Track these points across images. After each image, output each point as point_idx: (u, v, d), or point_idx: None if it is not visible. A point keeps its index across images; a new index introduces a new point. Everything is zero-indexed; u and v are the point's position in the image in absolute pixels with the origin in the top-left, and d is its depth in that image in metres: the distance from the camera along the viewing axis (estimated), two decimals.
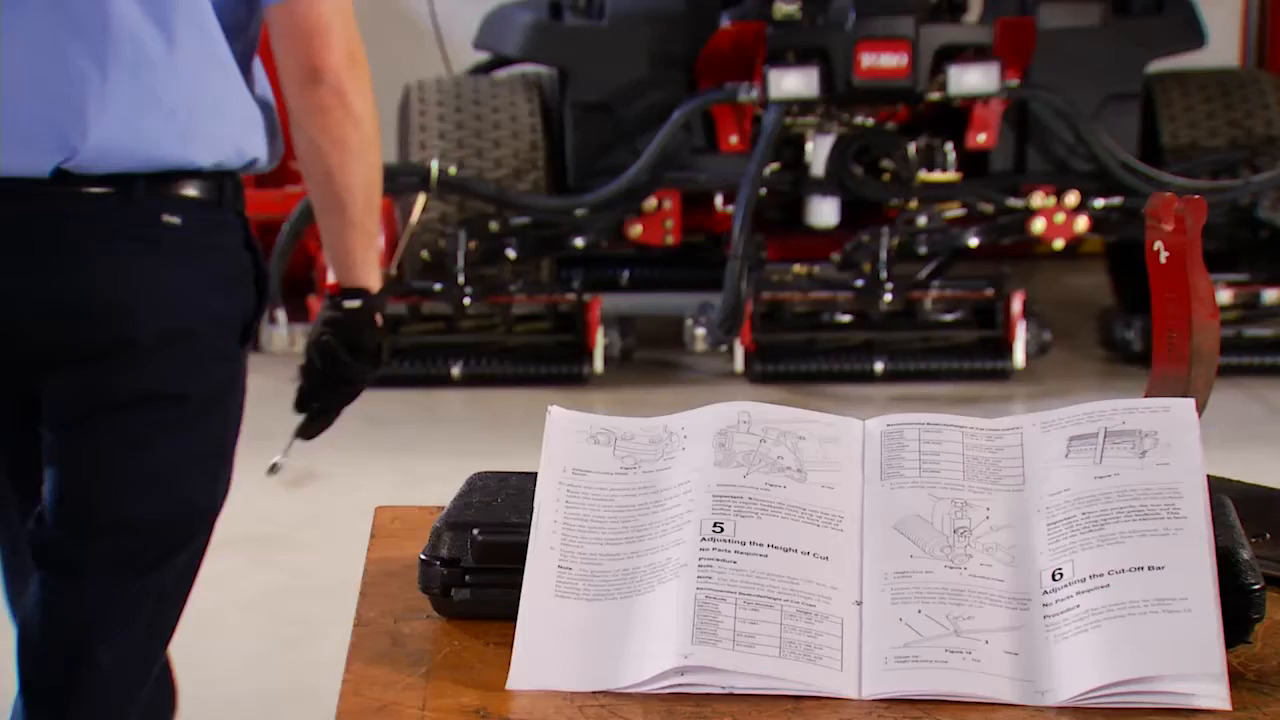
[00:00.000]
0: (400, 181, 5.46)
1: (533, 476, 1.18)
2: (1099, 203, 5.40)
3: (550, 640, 1.09)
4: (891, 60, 5.24)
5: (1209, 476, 1.34)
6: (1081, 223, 5.41)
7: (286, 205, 5.43)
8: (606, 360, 5.33)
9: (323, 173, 2.04)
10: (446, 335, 5.29)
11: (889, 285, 5.26)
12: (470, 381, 5.23)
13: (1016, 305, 5.25)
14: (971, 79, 5.23)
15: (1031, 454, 1.19)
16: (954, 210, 5.50)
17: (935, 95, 5.30)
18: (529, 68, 5.97)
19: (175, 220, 1.93)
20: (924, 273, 5.53)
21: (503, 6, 5.94)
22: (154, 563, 1.99)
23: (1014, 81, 5.33)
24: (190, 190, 1.94)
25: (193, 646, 3.47)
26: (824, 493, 1.17)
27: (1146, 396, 1.40)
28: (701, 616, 1.09)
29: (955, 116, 5.49)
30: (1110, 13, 5.56)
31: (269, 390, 5.23)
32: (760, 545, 1.14)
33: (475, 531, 1.14)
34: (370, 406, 5.15)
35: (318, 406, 2.24)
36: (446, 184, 5.34)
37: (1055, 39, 5.44)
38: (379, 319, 2.16)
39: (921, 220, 5.45)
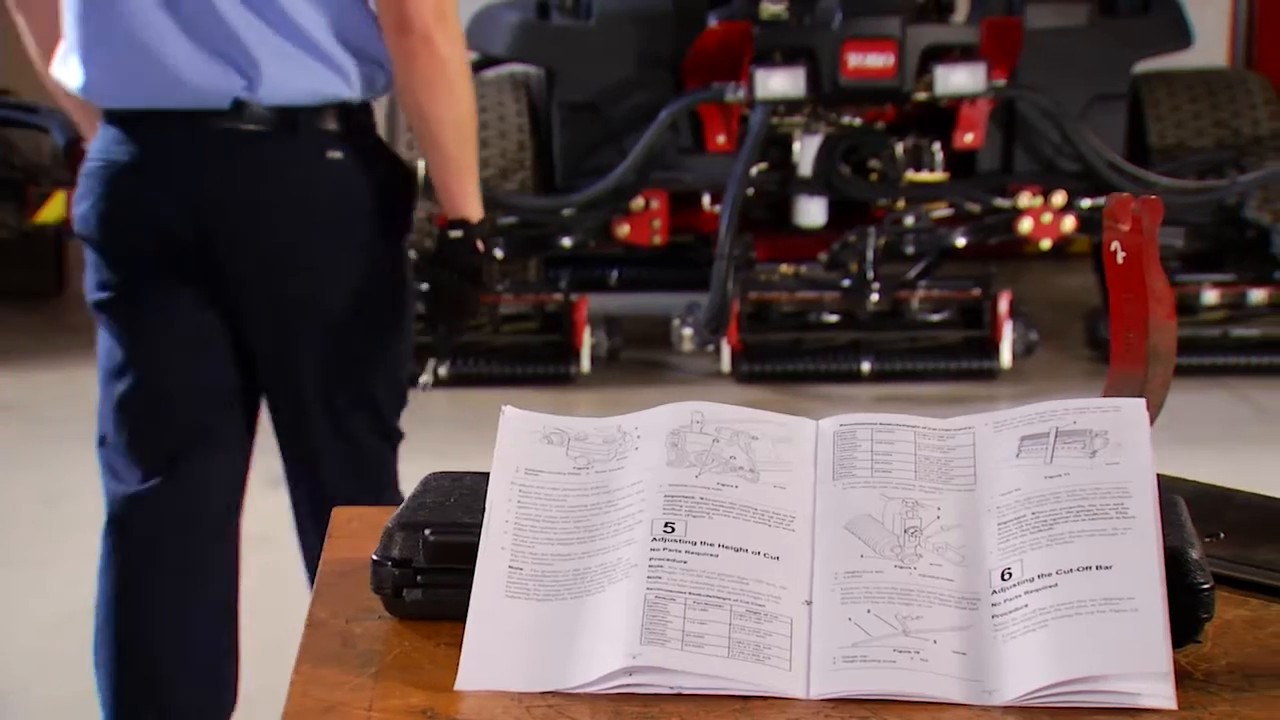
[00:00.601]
0: None
1: (487, 477, 1.18)
2: (1086, 203, 5.41)
3: (500, 641, 1.10)
4: (878, 60, 5.25)
5: (1163, 476, 1.35)
6: (1068, 223, 5.42)
7: None
8: (593, 360, 5.33)
9: (415, 110, 2.36)
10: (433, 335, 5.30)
11: (876, 285, 5.27)
12: (456, 381, 5.23)
13: (1003, 305, 5.26)
14: (958, 79, 5.24)
15: (983, 454, 1.19)
16: (941, 210, 5.51)
17: (922, 95, 5.31)
18: (518, 67, 5.97)
19: (333, 145, 2.29)
20: (913, 273, 5.53)
21: (490, 6, 5.95)
22: (349, 407, 2.43)
23: (1000, 81, 5.34)
24: (339, 118, 2.30)
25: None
26: (776, 493, 1.18)
27: (1104, 396, 1.40)
28: (650, 617, 1.09)
29: (942, 116, 5.50)
30: (1097, 13, 5.58)
31: None
32: (711, 545, 1.14)
33: (427, 532, 1.15)
34: None
35: (442, 328, 2.66)
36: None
37: (1042, 39, 5.45)
38: (480, 245, 2.50)
39: (909, 220, 5.46)
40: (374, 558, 1.15)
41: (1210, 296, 5.25)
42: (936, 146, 5.51)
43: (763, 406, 4.94)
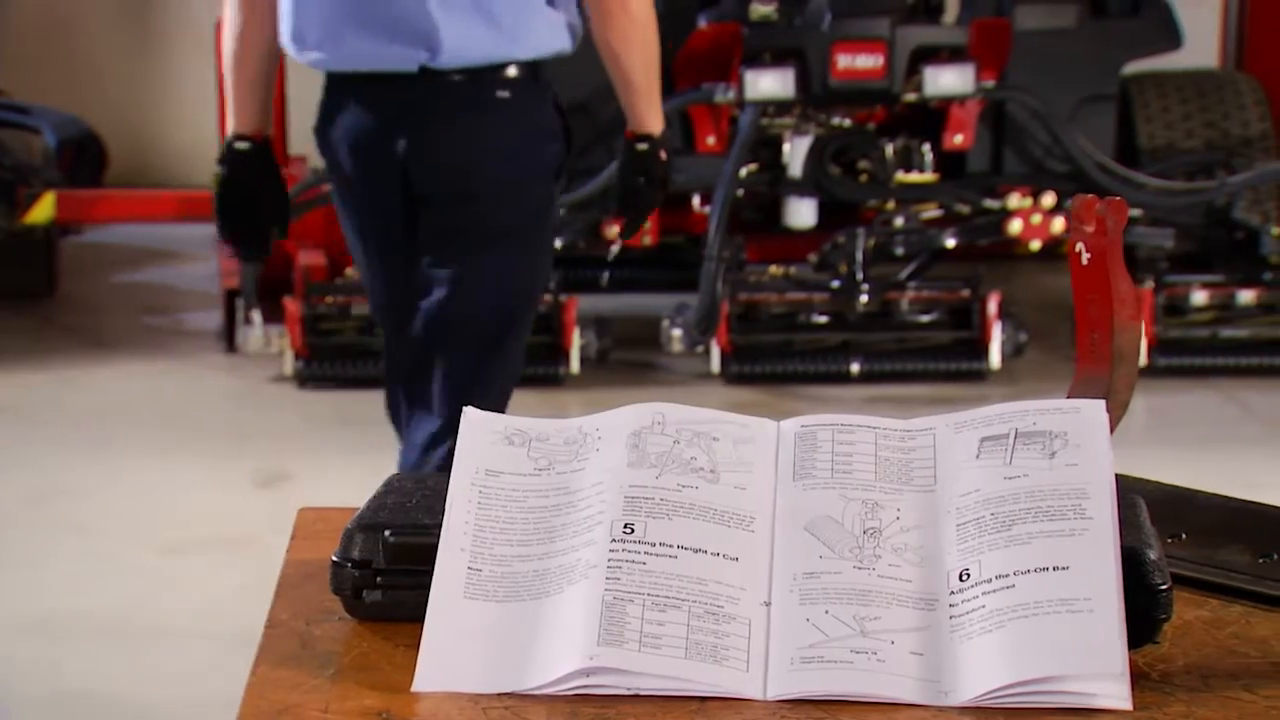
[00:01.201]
0: None
1: (449, 478, 1.18)
2: None
3: (457, 642, 1.10)
4: (867, 61, 5.25)
5: (1125, 477, 1.35)
6: (1058, 224, 5.42)
7: None
8: (583, 361, 5.33)
9: (611, 58, 2.94)
10: None
11: (865, 286, 5.27)
12: None
13: (992, 306, 5.26)
14: (947, 80, 5.24)
15: (944, 455, 1.20)
16: (931, 211, 5.51)
17: (911, 96, 5.31)
18: None
19: (506, 95, 2.82)
20: (904, 273, 5.54)
21: None
22: (499, 338, 2.91)
23: (989, 82, 5.34)
24: (515, 74, 2.82)
25: (158, 648, 3.49)
26: (736, 494, 1.18)
27: (1070, 398, 1.40)
28: (609, 618, 1.10)
29: (932, 117, 5.51)
30: (1086, 14, 5.58)
31: (243, 390, 5.27)
32: (670, 546, 1.14)
33: (387, 533, 1.15)
34: (343, 408, 5.20)
35: (628, 222, 3.18)
36: None
37: (1031, 40, 5.45)
38: (664, 154, 3.05)
39: (898, 221, 5.46)
40: (334, 559, 1.15)
41: (1199, 297, 5.25)
42: (926, 147, 5.51)
43: (752, 408, 4.94)
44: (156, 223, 6.45)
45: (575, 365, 5.31)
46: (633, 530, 1.14)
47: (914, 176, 5.49)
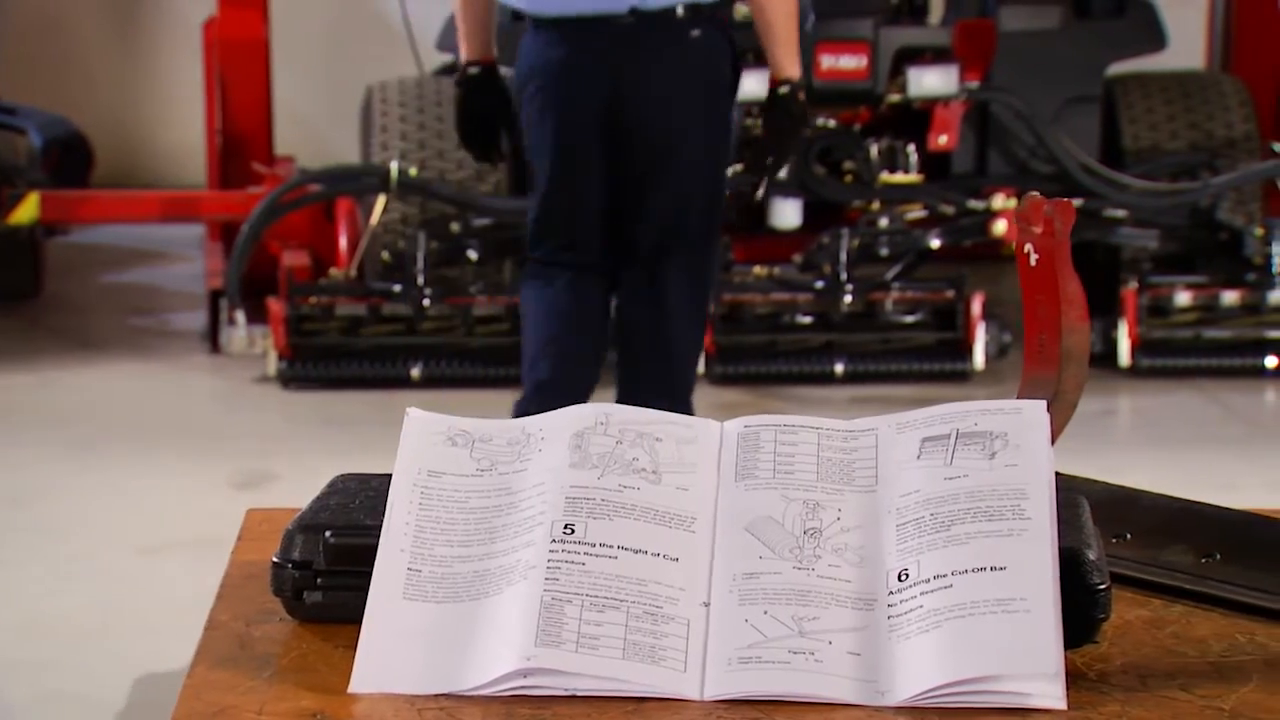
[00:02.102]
0: (360, 183, 5.47)
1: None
2: None
3: (395, 643, 1.10)
4: (851, 62, 5.25)
5: (1070, 477, 1.35)
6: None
7: (248, 206, 5.44)
8: None
9: (757, 10, 3.59)
10: (406, 337, 5.30)
11: (849, 287, 5.27)
12: (430, 383, 5.23)
13: (976, 307, 5.26)
14: (930, 81, 5.24)
15: (885, 455, 1.20)
16: (915, 212, 5.51)
17: (895, 97, 5.32)
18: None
19: (698, 33, 3.47)
20: (890, 274, 5.54)
21: None
22: (709, 235, 3.67)
23: (973, 83, 5.34)
24: (698, 12, 3.45)
25: (134, 649, 3.49)
26: (678, 494, 1.18)
27: (1019, 399, 1.41)
28: (546, 619, 1.10)
29: (917, 118, 5.50)
30: (1071, 15, 5.58)
31: (226, 391, 5.26)
32: (610, 547, 1.14)
33: (327, 534, 1.15)
34: (327, 408, 5.20)
35: (770, 163, 3.77)
36: (406, 185, 5.35)
37: (1016, 41, 5.45)
38: (801, 95, 3.66)
39: (883, 222, 5.46)
40: (274, 560, 1.15)
41: (1183, 298, 5.25)
42: (911, 148, 5.50)
43: (736, 408, 4.93)
44: (141, 223, 6.45)
45: None
46: (573, 531, 1.15)
47: (899, 177, 5.49)
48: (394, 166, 5.35)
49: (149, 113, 8.31)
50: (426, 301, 5.26)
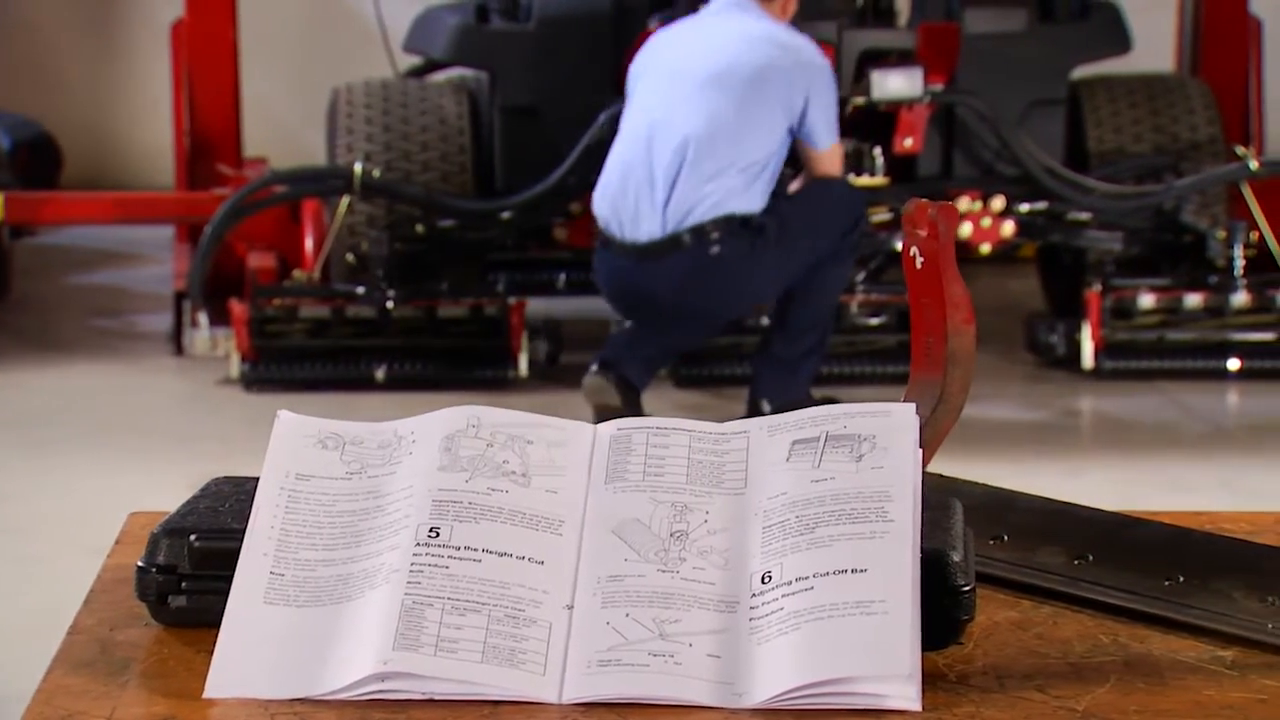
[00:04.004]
0: (324, 184, 5.46)
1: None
2: (1024, 207, 5.42)
3: (254, 647, 1.10)
4: None
5: (951, 480, 1.36)
6: (1008, 227, 5.43)
7: (213, 207, 5.43)
8: (531, 364, 5.33)
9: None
10: (370, 338, 5.30)
11: None
12: (394, 385, 5.23)
13: None
14: (894, 84, 5.24)
15: (756, 458, 1.20)
16: (881, 214, 5.51)
17: (859, 100, 5.32)
18: (467, 71, 5.98)
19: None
20: (860, 276, 5.54)
21: (431, 9, 5.95)
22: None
23: (938, 86, 5.34)
24: None
25: None
26: (547, 497, 1.18)
27: (905, 402, 1.41)
28: (406, 622, 1.10)
29: (882, 121, 5.50)
30: (1035, 18, 5.58)
31: (189, 393, 5.26)
32: (475, 550, 1.14)
33: (192, 538, 1.15)
34: (288, 408, 5.18)
35: None
36: (370, 186, 5.35)
37: (981, 44, 5.45)
38: None
39: None
40: (139, 564, 1.15)
41: (1147, 301, 5.26)
42: (877, 151, 5.51)
43: (700, 410, 4.94)
44: (105, 225, 6.45)
45: (524, 368, 5.31)
46: (438, 534, 1.15)
47: (865, 180, 5.49)
48: (358, 168, 5.34)
49: (121, 114, 8.30)
50: (389, 303, 5.27)
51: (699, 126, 4.57)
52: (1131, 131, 5.65)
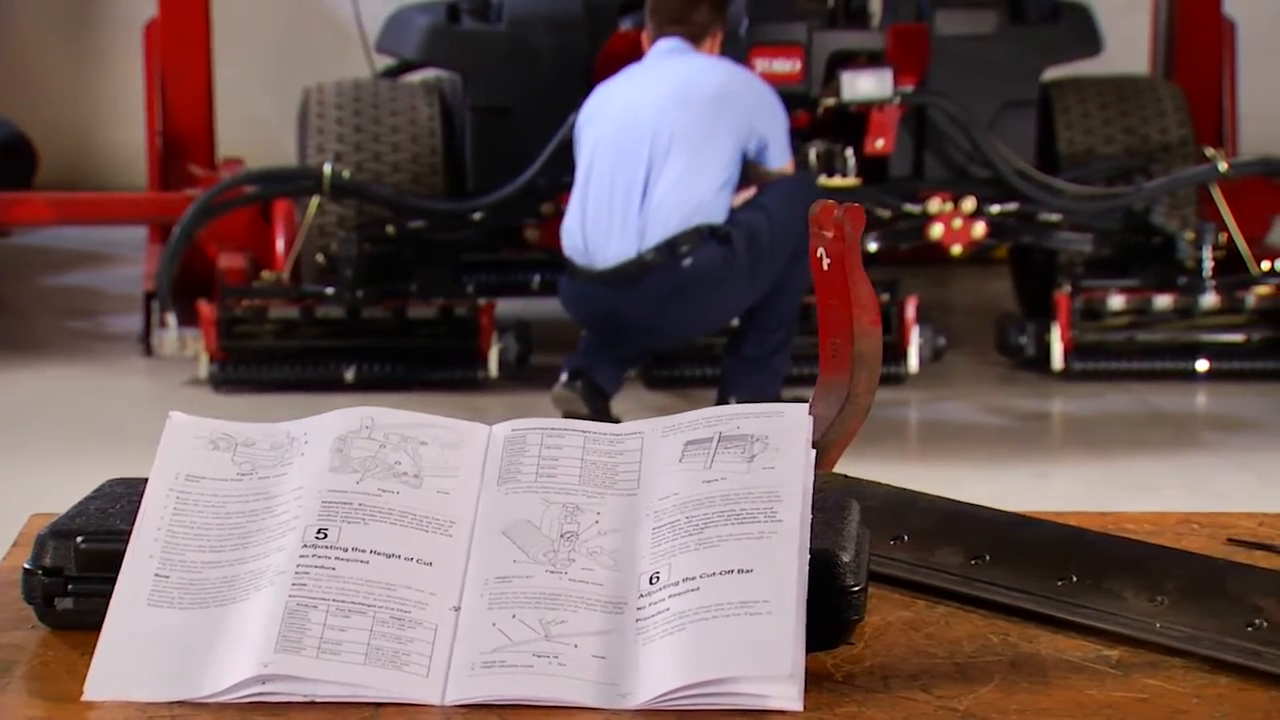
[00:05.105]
0: (293, 184, 5.45)
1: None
2: (995, 208, 5.42)
3: (136, 649, 1.09)
4: (784, 65, 5.26)
5: (856, 480, 1.35)
6: (979, 228, 5.43)
7: (184, 208, 5.43)
8: (501, 365, 5.33)
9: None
10: (340, 339, 5.29)
11: None
12: (364, 385, 5.22)
13: (910, 310, 5.27)
14: (864, 85, 5.25)
15: (649, 459, 1.20)
16: None
17: (829, 101, 5.32)
18: (440, 72, 5.97)
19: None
20: None
21: (403, 10, 5.94)
22: None
23: (907, 88, 5.34)
24: None
25: None
26: (438, 498, 1.17)
27: (812, 404, 1.41)
28: (289, 624, 1.09)
29: (854, 122, 5.51)
30: (1006, 20, 5.59)
31: (157, 394, 5.25)
32: (363, 551, 1.14)
33: (79, 539, 1.14)
34: (258, 412, 5.17)
35: None
36: (340, 187, 5.35)
37: (951, 46, 5.46)
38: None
39: None
40: (25, 566, 1.14)
41: (1116, 302, 5.26)
42: (849, 152, 5.51)
43: (668, 411, 4.97)
44: (76, 225, 6.44)
45: (494, 369, 5.31)
46: (326, 535, 1.14)
47: (837, 181, 5.49)
48: (327, 168, 5.34)
49: (97, 115, 8.28)
50: (360, 305, 5.26)
51: (663, 144, 4.65)
52: (1102, 133, 5.65)
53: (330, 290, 5.28)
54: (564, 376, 4.82)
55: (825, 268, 1.37)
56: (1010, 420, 5.08)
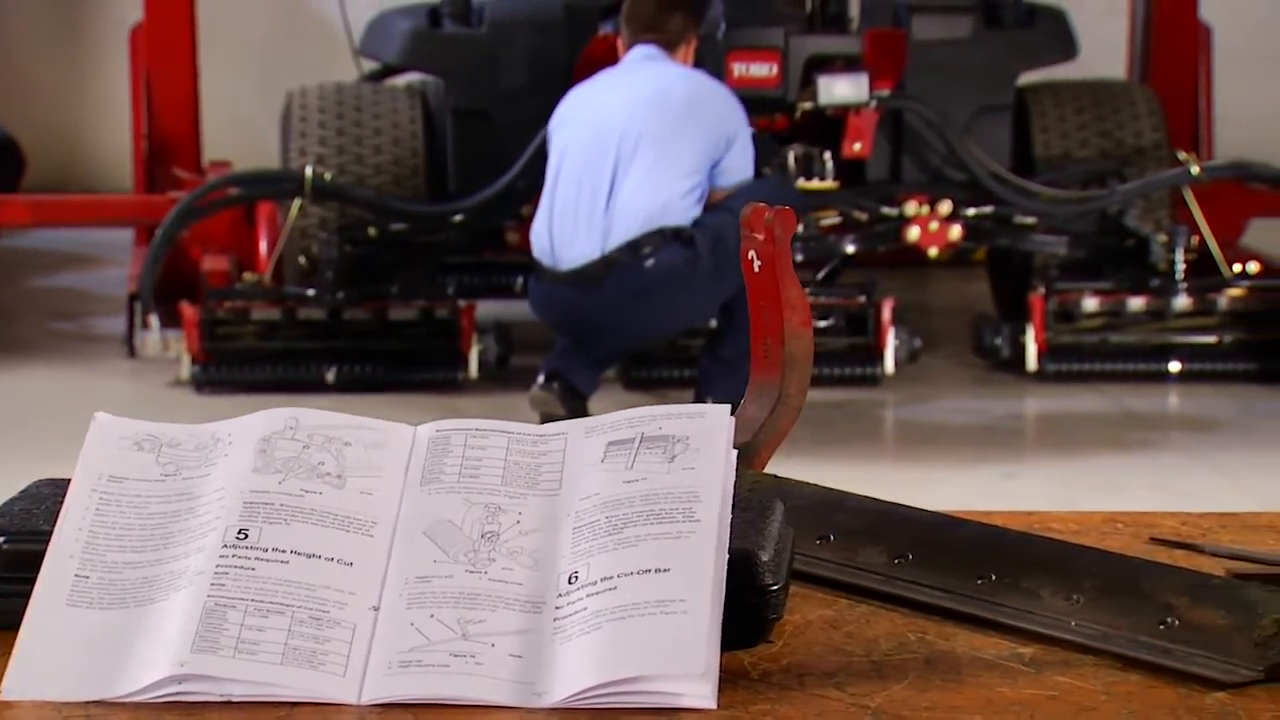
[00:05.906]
0: (275, 187, 5.46)
1: None
2: (971, 211, 5.44)
3: (54, 649, 1.10)
4: (761, 70, 5.27)
5: (784, 480, 1.36)
6: (955, 231, 5.45)
7: (167, 210, 5.44)
8: (481, 366, 5.34)
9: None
10: (321, 340, 5.30)
11: None
12: (345, 387, 5.23)
13: (886, 312, 5.28)
14: (840, 89, 5.27)
15: (571, 459, 1.20)
16: (830, 218, 5.53)
17: (806, 105, 5.33)
18: (423, 75, 5.99)
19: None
20: (820, 276, 5.56)
21: (384, 14, 5.96)
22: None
23: (884, 91, 5.36)
24: None
25: None
26: (361, 499, 1.18)
27: (744, 405, 1.42)
28: (206, 624, 1.10)
29: (832, 126, 5.52)
30: (982, 25, 5.61)
31: (140, 396, 5.26)
32: (283, 552, 1.14)
33: (1, 540, 1.15)
34: (239, 413, 5.18)
35: None
36: (321, 190, 5.36)
37: (928, 50, 5.48)
38: None
39: (799, 228, 5.48)
40: None
41: (1090, 304, 5.28)
42: (827, 155, 5.52)
43: None
44: (64, 228, 6.44)
45: (474, 370, 5.32)
46: (246, 536, 1.15)
47: (815, 184, 5.51)
48: (309, 171, 5.35)
49: (85, 118, 8.29)
50: (341, 306, 5.27)
51: (630, 145, 4.73)
52: (1077, 137, 5.68)
53: (312, 292, 5.29)
54: (541, 378, 4.83)
55: (756, 270, 1.38)
56: (983, 421, 5.10)
